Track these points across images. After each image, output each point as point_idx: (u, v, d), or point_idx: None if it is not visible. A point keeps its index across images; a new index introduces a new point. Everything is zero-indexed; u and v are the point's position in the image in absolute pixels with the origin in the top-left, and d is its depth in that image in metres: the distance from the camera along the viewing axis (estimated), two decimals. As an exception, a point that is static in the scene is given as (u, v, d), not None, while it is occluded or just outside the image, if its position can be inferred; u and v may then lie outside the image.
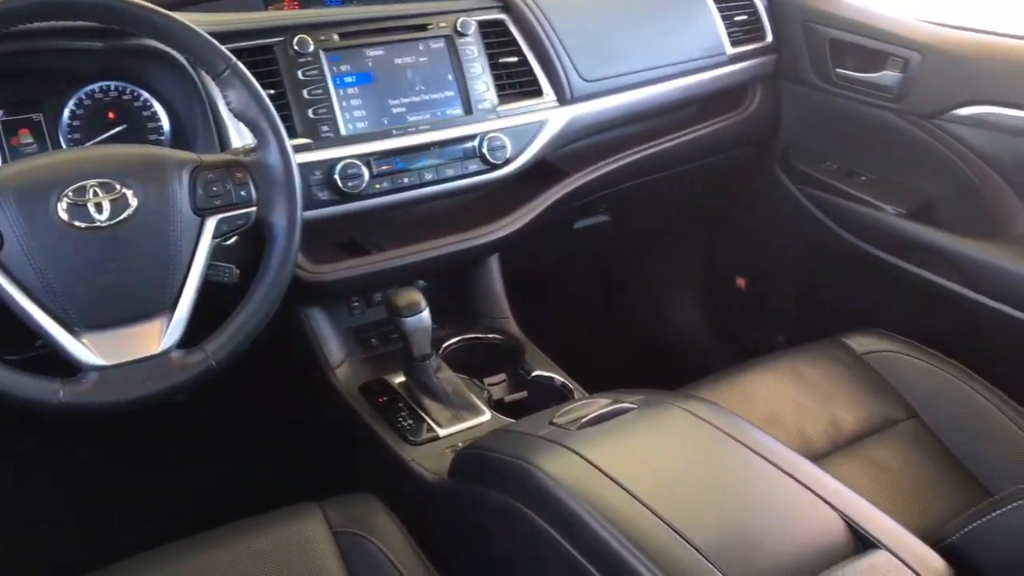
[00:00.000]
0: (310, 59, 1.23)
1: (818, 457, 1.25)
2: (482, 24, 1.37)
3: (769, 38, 1.68)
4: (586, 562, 0.88)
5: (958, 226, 1.53)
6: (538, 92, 1.40)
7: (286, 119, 1.18)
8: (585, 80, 1.43)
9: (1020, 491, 0.85)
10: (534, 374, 1.37)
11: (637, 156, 1.59)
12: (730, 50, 1.61)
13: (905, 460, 1.27)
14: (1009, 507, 0.85)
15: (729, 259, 1.98)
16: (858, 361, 1.44)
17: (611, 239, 1.84)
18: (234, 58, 1.00)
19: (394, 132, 1.27)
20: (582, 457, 0.96)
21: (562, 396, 1.33)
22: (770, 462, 0.97)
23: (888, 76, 1.54)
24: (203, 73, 1.10)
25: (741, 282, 1.95)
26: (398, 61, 1.30)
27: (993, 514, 0.87)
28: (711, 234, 1.99)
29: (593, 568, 0.87)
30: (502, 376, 1.39)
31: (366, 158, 1.24)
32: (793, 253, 1.80)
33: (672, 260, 2.06)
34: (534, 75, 1.40)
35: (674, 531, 0.86)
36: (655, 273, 2.08)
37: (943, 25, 1.53)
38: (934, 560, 0.87)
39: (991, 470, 1.25)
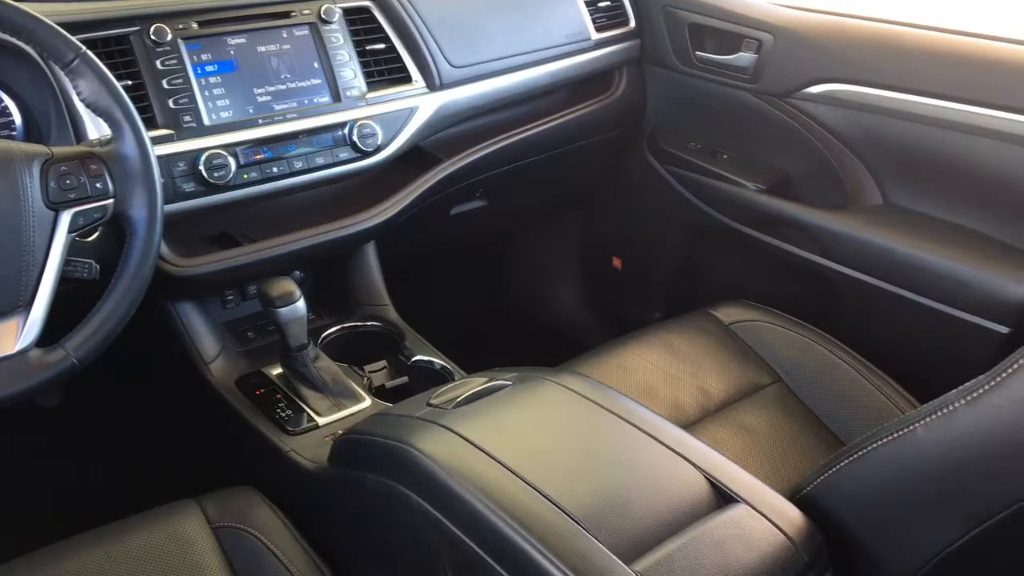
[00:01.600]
0: (168, 48, 1.20)
1: (690, 423, 1.31)
2: (347, 11, 1.37)
3: (632, 23, 1.73)
4: (463, 535, 0.89)
5: (814, 199, 1.61)
6: (407, 79, 1.41)
7: (145, 110, 1.16)
8: (453, 66, 1.45)
9: (864, 441, 0.90)
10: (414, 359, 1.38)
11: (510, 141, 1.62)
12: (595, 35, 1.66)
13: (771, 422, 1.33)
14: (854, 456, 0.91)
15: (605, 240, 2.03)
16: (726, 331, 1.50)
17: (489, 223, 1.86)
18: (83, 47, 0.97)
19: (260, 121, 1.25)
20: (457, 434, 0.97)
21: (442, 379, 1.34)
22: (639, 429, 1.01)
23: (744, 57, 1.61)
24: (54, 64, 1.07)
25: (617, 262, 2.00)
26: (261, 49, 1.28)
27: (841, 464, 0.92)
28: (587, 216, 2.04)
29: (470, 540, 0.89)
30: (382, 363, 1.39)
31: (232, 148, 1.22)
32: (665, 231, 1.86)
33: (550, 242, 2.10)
34: (402, 62, 1.41)
35: (547, 499, 0.89)
36: (534, 256, 2.12)
37: (794, 8, 1.61)
38: (790, 510, 0.93)
39: (848, 425, 1.33)
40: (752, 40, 1.59)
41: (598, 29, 1.67)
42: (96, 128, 1.13)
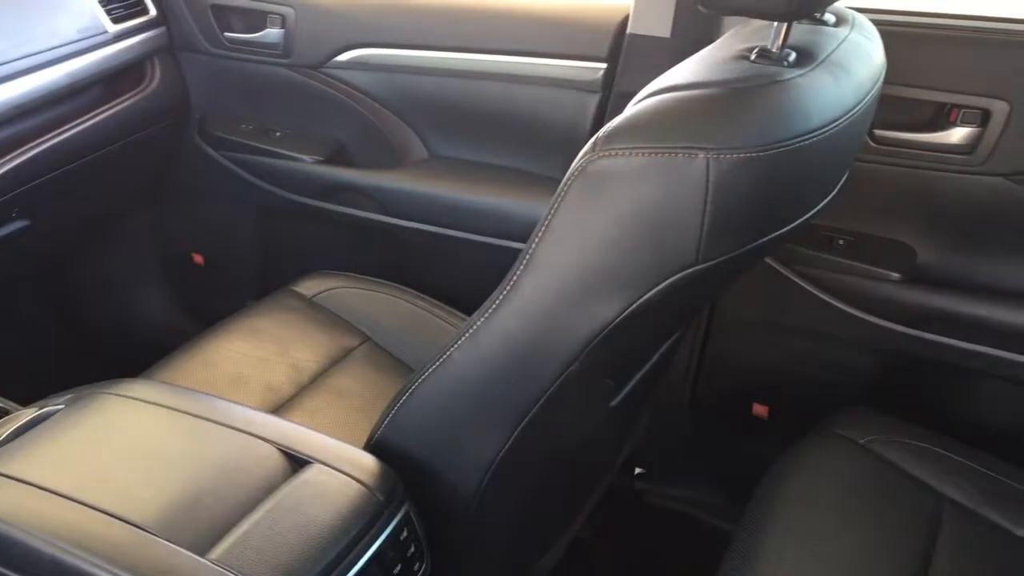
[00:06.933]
0: None
1: (285, 401, 1.31)
2: None
3: (152, 12, 1.66)
4: (22, 579, 0.83)
5: (370, 162, 1.67)
6: None
7: None
8: (-58, 78, 1.30)
9: (416, 375, 0.96)
10: (-39, 408, 1.24)
11: (39, 151, 1.49)
12: (112, 28, 1.57)
13: (364, 381, 1.38)
14: (409, 391, 0.96)
15: (180, 237, 1.95)
16: (309, 304, 1.52)
17: (40, 243, 1.70)
18: None
19: None
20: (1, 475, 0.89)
21: (-1, 421, 1.22)
22: (206, 420, 0.99)
23: (271, 33, 1.62)
24: None
25: (198, 258, 1.94)
26: None
27: (400, 401, 0.97)
28: (156, 216, 1.94)
29: (31, 582, 0.83)
30: (-78, 420, 1.23)
31: None
32: (238, 218, 1.83)
33: (122, 250, 1.97)
34: None
35: (109, 516, 0.85)
36: (107, 267, 1.98)
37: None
38: (363, 459, 0.97)
39: None
40: (275, 16, 1.61)
41: (115, 21, 1.58)
42: None
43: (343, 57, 1.59)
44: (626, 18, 1.37)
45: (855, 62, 0.87)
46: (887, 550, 1.07)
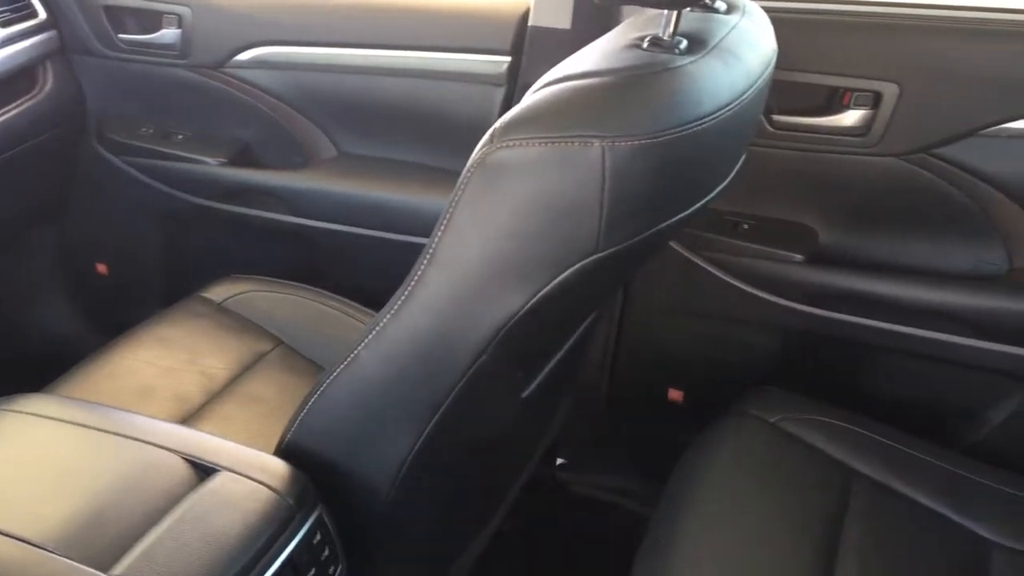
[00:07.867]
0: None
1: (196, 410, 1.27)
2: None
3: (42, 14, 1.61)
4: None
5: (279, 162, 1.64)
6: None
7: None
8: None
9: (324, 376, 0.95)
10: None
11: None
12: (0, 33, 1.51)
13: (277, 385, 1.35)
14: (317, 393, 0.95)
15: (83, 247, 1.89)
16: (219, 310, 1.48)
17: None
18: None
19: None
20: None
21: None
22: (110, 433, 0.96)
23: (168, 34, 1.58)
24: None
25: (103, 268, 1.88)
26: None
27: (308, 404, 0.96)
28: (57, 225, 1.87)
29: (-78, 612, 0.79)
30: None
31: None
32: (141, 224, 1.78)
33: (23, 261, 1.89)
34: None
35: (5, 535, 0.82)
36: (7, 278, 1.90)
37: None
38: (272, 463, 0.95)
39: None
40: (171, 16, 1.57)
41: (3, 25, 1.53)
42: None
43: (244, 56, 1.56)
44: (528, 11, 1.38)
45: (745, 48, 0.89)
46: (800, 524, 1.09)
